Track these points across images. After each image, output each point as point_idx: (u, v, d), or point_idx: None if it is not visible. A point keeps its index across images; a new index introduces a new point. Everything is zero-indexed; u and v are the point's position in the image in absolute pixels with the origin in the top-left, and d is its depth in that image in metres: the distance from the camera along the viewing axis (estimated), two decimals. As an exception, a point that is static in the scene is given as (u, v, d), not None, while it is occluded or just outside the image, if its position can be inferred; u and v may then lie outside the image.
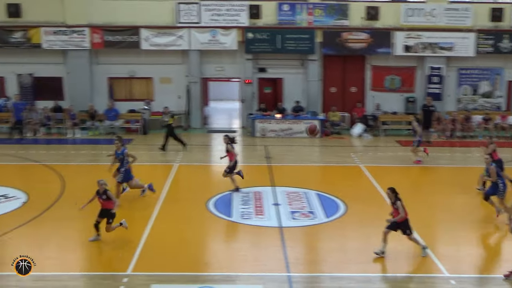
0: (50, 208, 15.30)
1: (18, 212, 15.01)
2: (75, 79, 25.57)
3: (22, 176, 19.12)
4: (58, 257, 12.32)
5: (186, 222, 14.42)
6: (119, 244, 12.96)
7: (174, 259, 12.17)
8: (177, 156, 20.69)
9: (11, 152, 21.25)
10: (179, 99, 26.15)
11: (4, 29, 25.05)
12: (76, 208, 15.31)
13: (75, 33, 25.14)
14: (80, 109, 24.98)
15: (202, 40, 25.31)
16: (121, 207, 15.40)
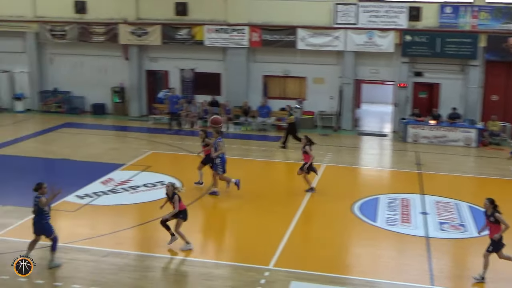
0: (201, 197, 16.03)
1: (172, 199, 15.89)
2: (233, 75, 26.50)
3: (177, 165, 20.23)
4: (207, 244, 12.89)
5: (329, 223, 14.39)
6: (263, 238, 13.24)
7: (314, 258, 12.20)
8: (325, 157, 20.69)
9: (169, 142, 22.55)
10: (331, 99, 26.12)
11: (171, 26, 26.61)
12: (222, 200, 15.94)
13: (235, 32, 26.03)
14: (235, 104, 25.87)
15: (358, 41, 25.04)
16: (266, 201, 15.76)
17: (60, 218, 14.46)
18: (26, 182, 16.48)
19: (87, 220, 14.36)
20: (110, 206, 15.27)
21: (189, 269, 11.55)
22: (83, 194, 15.92)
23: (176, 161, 20.61)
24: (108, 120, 27.04)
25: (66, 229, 13.82)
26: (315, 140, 23.22)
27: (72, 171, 18.28)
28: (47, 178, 17.75)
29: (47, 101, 28.56)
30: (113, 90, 27.94)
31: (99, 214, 14.79)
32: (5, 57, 28.86)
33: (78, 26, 27.42)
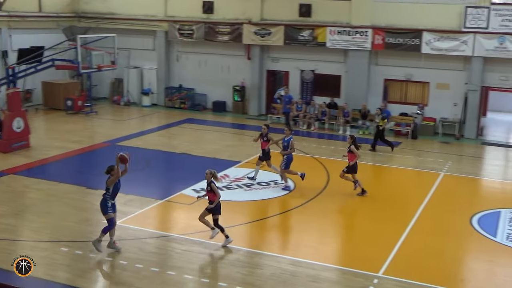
0: (314, 199, 16.03)
1: (284, 198, 16.08)
2: (353, 78, 26.21)
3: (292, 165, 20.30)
4: (316, 247, 12.86)
5: (444, 234, 13.85)
6: (374, 244, 13.01)
7: (427, 269, 11.80)
8: (444, 165, 19.92)
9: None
10: (454, 106, 25.06)
11: (294, 27, 26.79)
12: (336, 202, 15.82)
13: (358, 34, 25.71)
14: (354, 107, 25.56)
15: (487, 46, 23.82)
16: (379, 206, 15.46)
17: (177, 210, 15.08)
18: (148, 173, 17.41)
19: (202, 214, 14.81)
20: (224, 201, 15.55)
21: (297, 270, 11.59)
22: (199, 188, 16.43)
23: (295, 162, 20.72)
24: (227, 118, 27.75)
25: (182, 221, 14.39)
26: (435, 148, 22.60)
27: (190, 165, 18.96)
28: (167, 171, 18.71)
29: (172, 97, 29.83)
30: (234, 89, 28.64)
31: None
32: (137, 54, 30.51)
33: (205, 25, 28.37)
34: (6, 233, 12.87)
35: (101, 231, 12.08)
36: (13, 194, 15.54)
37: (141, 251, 12.20)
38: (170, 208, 15.19)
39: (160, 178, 17.92)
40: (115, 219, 12.16)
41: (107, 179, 12.00)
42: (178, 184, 16.84)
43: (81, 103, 27.66)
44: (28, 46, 26.03)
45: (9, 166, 18.18)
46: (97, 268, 11.55)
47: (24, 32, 27.65)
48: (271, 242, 13.16)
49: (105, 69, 24.54)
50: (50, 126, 25.09)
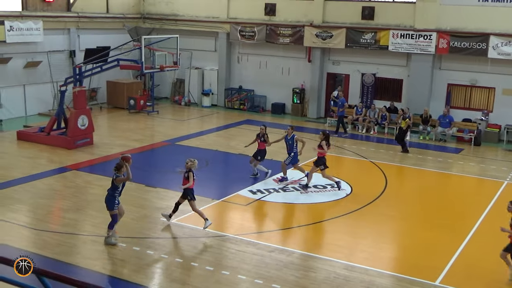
0: (371, 203, 15.85)
1: (341, 202, 15.96)
2: (415, 82, 25.73)
3: (349, 169, 20.17)
4: (371, 252, 12.70)
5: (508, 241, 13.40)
6: (432, 252, 12.74)
7: (487, 281, 11.47)
8: (508, 174, 19.31)
9: (344, 145, 22.54)
10: (521, 113, 24.28)
11: (357, 30, 26.54)
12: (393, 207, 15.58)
13: (421, 37, 25.24)
14: (415, 112, 25.06)
15: (558, 51, 22.96)
16: (438, 213, 15.12)
17: (233, 210, 15.20)
18: (205, 173, 17.61)
19: (257, 215, 14.93)
20: (280, 203, 15.70)
21: (351, 275, 11.48)
22: (255, 190, 16.55)
23: (348, 165, 20.57)
24: (286, 120, 27.78)
25: (237, 221, 14.50)
26: (499, 156, 21.93)
27: (247, 167, 19.05)
28: (224, 171, 18.88)
29: (232, 98, 30.12)
30: (293, 91, 28.64)
31: (269, 210, 15.28)
32: (199, 55, 30.97)
33: (267, 27, 28.49)
34: (68, 227, 13.32)
35: (108, 228, 12.49)
36: (75, 190, 16.07)
37: (196, 250, 12.37)
38: (226, 208, 15.34)
39: (217, 178, 18.12)
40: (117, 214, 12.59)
41: (115, 177, 12.30)
42: (234, 185, 16.99)
43: (143, 102, 28.31)
44: (95, 46, 26.92)
45: (73, 162, 18.81)
46: (154, 265, 11.79)
47: (91, 32, 28.56)
48: (326, 245, 13.10)
49: (168, 70, 25.01)
50: (113, 124, 25.79)
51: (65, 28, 27.55)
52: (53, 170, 17.93)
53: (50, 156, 19.57)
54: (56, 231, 13.12)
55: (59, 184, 16.72)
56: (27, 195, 15.52)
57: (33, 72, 26.13)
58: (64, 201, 15.33)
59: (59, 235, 12.83)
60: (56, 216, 14.46)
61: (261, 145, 17.72)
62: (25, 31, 25.01)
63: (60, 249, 12.10)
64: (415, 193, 16.60)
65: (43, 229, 13.14)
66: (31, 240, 12.71)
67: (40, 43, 25.94)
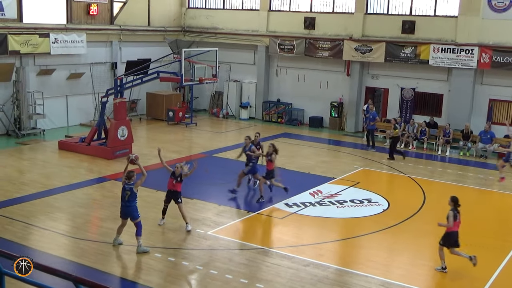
0: (408, 220, 15.66)
1: (377, 218, 15.81)
2: (456, 97, 25.38)
3: (387, 184, 19.98)
4: (408, 269, 12.56)
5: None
6: (470, 271, 12.50)
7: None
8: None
9: (382, 160, 22.32)
10: None
11: (396, 44, 26.37)
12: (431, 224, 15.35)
13: (463, 52, 24.91)
14: (455, 127, 24.71)
15: None
16: (476, 233, 14.83)
17: (269, 223, 15.22)
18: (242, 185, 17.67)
19: (293, 228, 14.89)
20: (315, 217, 15.65)
21: (387, 292, 11.36)
22: (291, 203, 16.55)
23: (386, 180, 20.39)
24: (323, 134, 27.73)
25: (273, 234, 14.52)
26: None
27: (284, 180, 19.03)
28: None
29: (270, 111, 30.24)
30: (331, 105, 28.58)
31: (304, 224, 15.24)
32: (238, 68, 31.24)
33: (306, 41, 28.56)
34: (106, 236, 13.54)
35: (137, 236, 12.65)
36: (113, 200, 16.31)
37: (231, 262, 12.41)
38: (261, 221, 15.36)
39: (253, 190, 18.17)
40: None
41: (134, 185, 12.51)
42: (270, 198, 17.01)
43: (182, 114, 28.64)
44: (136, 58, 27.43)
45: (112, 172, 19.13)
46: (189, 276, 11.88)
47: (132, 45, 29.12)
48: (361, 261, 12.98)
49: (206, 82, 25.29)
50: (151, 135, 26.16)
51: (108, 41, 28.16)
52: (92, 180, 18.28)
53: (89, 166, 19.95)
54: (94, 240, 13.35)
55: (98, 193, 17.03)
56: (67, 204, 15.85)
57: (76, 84, 26.76)
58: (102, 210, 15.60)
59: (97, 244, 13.05)
60: (94, 225, 14.72)
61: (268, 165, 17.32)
62: (69, 43, 25.66)
63: (97, 257, 12.31)
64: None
65: (81, 237, 13.39)
66: (70, 248, 12.97)
67: (83, 55, 26.58)
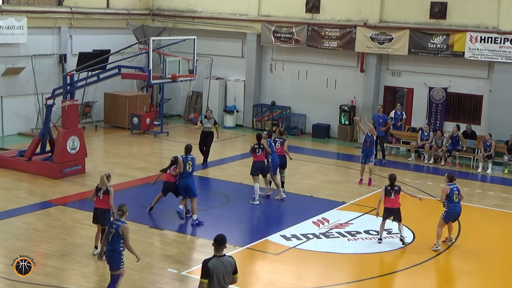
0: (438, 256, 15.71)
1: (399, 253, 15.89)
2: (500, 99, 25.51)
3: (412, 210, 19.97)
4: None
5: None
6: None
7: None
8: None
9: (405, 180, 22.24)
10: None
11: (423, 31, 26.49)
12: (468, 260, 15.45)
13: (508, 42, 25.15)
14: (499, 138, 24.81)
15: None
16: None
17: (260, 260, 15.24)
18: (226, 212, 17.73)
19: (292, 267, 14.90)
20: (320, 253, 15.66)
21: None
22: (290, 235, 16.55)
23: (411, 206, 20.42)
24: (331, 146, 27.87)
25: (266, 274, 14.52)
26: None
27: (280, 205, 19.14)
28: (250, 211, 18.90)
29: (262, 117, 30.38)
30: (341, 109, 28.68)
31: (306, 261, 15.26)
32: (221, 61, 31.27)
33: (308, 27, 28.70)
34: (50, 278, 13.47)
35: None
36: (61, 230, 16.27)
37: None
38: (251, 257, 15.35)
39: (242, 219, 18.16)
40: None
41: (121, 227, 11.97)
42: (263, 228, 17.05)
43: (149, 121, 28.67)
44: (91, 49, 27.42)
45: (59, 195, 19.09)
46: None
47: (87, 32, 29.12)
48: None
49: (182, 80, 25.32)
50: (110, 148, 26.17)
51: (55, 27, 28.14)
52: (34, 205, 18.21)
53: (31, 187, 19.90)
54: (36, 282, 13.29)
55: (41, 222, 16.97)
56: (1, 236, 15.80)
57: (13, 81, 26.72)
58: (46, 244, 15.53)
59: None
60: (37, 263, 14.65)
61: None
62: (5, 30, 25.61)
63: (40, 306, 12.26)
64: (497, 243, 16.37)
65: (19, 279, 13.32)
66: (4, 293, 12.92)
67: (23, 45, 26.54)
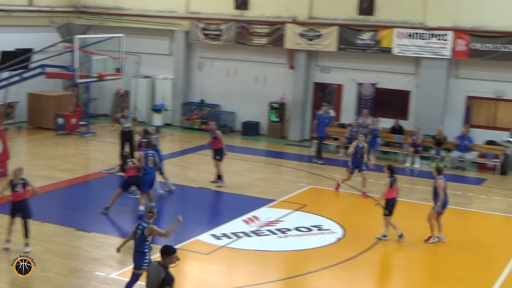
0: (368, 250, 16.01)
1: (330, 249, 16.11)
2: (426, 94, 26.07)
3: (342, 206, 20.36)
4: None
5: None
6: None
7: None
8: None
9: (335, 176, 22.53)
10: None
11: (352, 28, 26.89)
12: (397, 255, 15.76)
13: (434, 38, 25.68)
14: (426, 132, 25.30)
15: None
16: (454, 263, 15.35)
17: (190, 260, 15.24)
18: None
19: (222, 266, 14.99)
20: (251, 251, 15.78)
21: None
22: (220, 234, 16.63)
23: (341, 202, 20.76)
24: (261, 144, 28.09)
25: (197, 275, 14.55)
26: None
27: (210, 204, 19.21)
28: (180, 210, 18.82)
29: (191, 115, 30.36)
30: (270, 106, 28.90)
31: (237, 260, 15.36)
32: (149, 59, 31.16)
33: (237, 24, 28.78)
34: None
35: None
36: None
37: (141, 313, 12.39)
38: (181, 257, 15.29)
39: (171, 219, 18.04)
40: None
41: (147, 228, 12.25)
42: (193, 227, 17.04)
43: (75, 121, 28.31)
44: (13, 48, 26.88)
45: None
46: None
47: (9, 30, 28.36)
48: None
49: (108, 79, 25.10)
50: (35, 149, 25.77)
51: (-28, 25, 27.56)
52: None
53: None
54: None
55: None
56: None
57: None
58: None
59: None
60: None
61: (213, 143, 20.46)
62: None
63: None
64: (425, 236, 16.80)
65: None
66: None
67: None
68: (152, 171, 17.93)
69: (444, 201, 16.50)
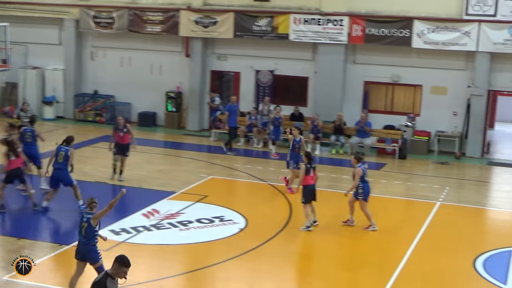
0: (271, 240, 16.06)
1: (233, 240, 16.07)
2: (324, 80, 26.40)
3: (243, 196, 20.37)
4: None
5: (441, 281, 14.08)
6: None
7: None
8: (441, 193, 20.29)
9: (236, 165, 22.63)
10: (454, 116, 25.51)
11: (248, 14, 26.89)
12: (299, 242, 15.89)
13: (330, 23, 26.01)
14: (326, 119, 25.70)
15: (495, 39, 24.38)
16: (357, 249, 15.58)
17: (88, 258, 14.87)
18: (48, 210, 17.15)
19: (122, 263, 14.69)
20: (152, 245, 15.60)
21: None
22: (119, 229, 16.32)
23: (242, 191, 20.77)
24: (158, 135, 27.78)
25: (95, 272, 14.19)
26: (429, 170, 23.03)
27: (107, 199, 18.64)
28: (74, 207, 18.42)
29: (84, 107, 29.73)
30: (167, 96, 28.64)
31: (138, 256, 15.02)
32: (37, 49, 30.31)
33: (129, 12, 28.36)
34: None
35: None
36: None
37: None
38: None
39: (66, 215, 17.68)
40: None
41: (92, 217, 12.34)
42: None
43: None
44: None
45: None
46: None
47: None
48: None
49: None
50: None
51: None
52: None
53: None
54: None
55: None
56: None
57: None
58: None
59: None
60: None
61: (125, 138, 20.43)
62: None
63: None
64: (328, 223, 16.97)
65: None
66: None
67: None
68: (62, 167, 17.65)
69: (365, 188, 16.87)
